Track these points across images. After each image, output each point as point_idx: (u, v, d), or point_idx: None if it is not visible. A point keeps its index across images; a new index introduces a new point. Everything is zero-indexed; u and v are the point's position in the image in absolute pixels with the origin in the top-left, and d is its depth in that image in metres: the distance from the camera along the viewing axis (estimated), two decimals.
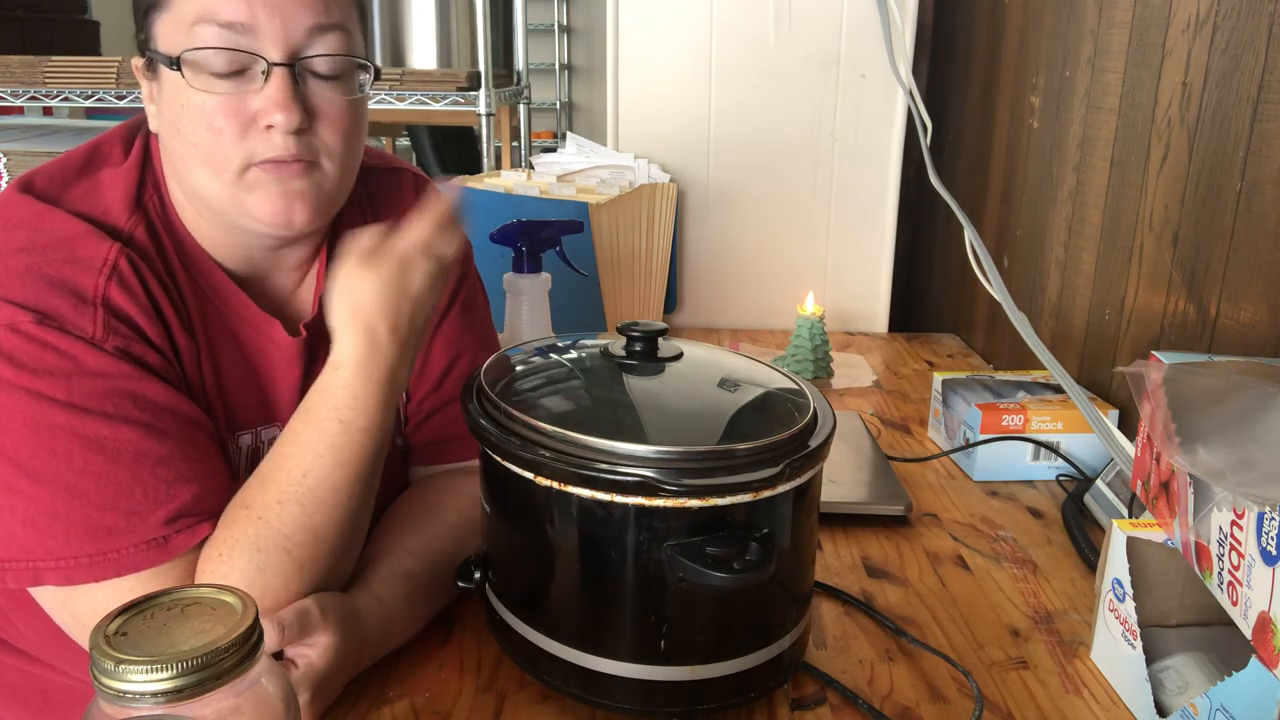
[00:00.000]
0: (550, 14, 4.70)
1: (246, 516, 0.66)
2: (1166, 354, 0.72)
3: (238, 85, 0.68)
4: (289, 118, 0.68)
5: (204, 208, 0.73)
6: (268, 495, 0.67)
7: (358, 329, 0.68)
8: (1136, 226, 1.13)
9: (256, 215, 0.71)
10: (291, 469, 0.67)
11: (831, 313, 1.63)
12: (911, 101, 1.52)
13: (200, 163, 0.70)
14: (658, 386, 0.71)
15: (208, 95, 0.68)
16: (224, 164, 0.69)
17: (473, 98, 2.20)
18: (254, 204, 0.70)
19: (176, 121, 0.70)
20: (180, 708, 0.43)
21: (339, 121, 0.72)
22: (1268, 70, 0.89)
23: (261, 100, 0.68)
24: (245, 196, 0.70)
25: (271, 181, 0.70)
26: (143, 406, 0.66)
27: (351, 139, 0.74)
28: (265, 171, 0.70)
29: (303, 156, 0.70)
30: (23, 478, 0.63)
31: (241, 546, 0.65)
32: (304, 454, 0.68)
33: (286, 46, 0.68)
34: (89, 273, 0.67)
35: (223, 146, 0.69)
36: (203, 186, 0.71)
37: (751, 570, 0.59)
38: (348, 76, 0.73)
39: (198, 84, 0.68)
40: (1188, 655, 0.70)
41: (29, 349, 0.63)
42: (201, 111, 0.68)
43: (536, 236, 1.16)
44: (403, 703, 0.69)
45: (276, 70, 0.68)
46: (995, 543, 0.96)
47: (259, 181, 0.70)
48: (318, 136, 0.71)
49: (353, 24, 0.73)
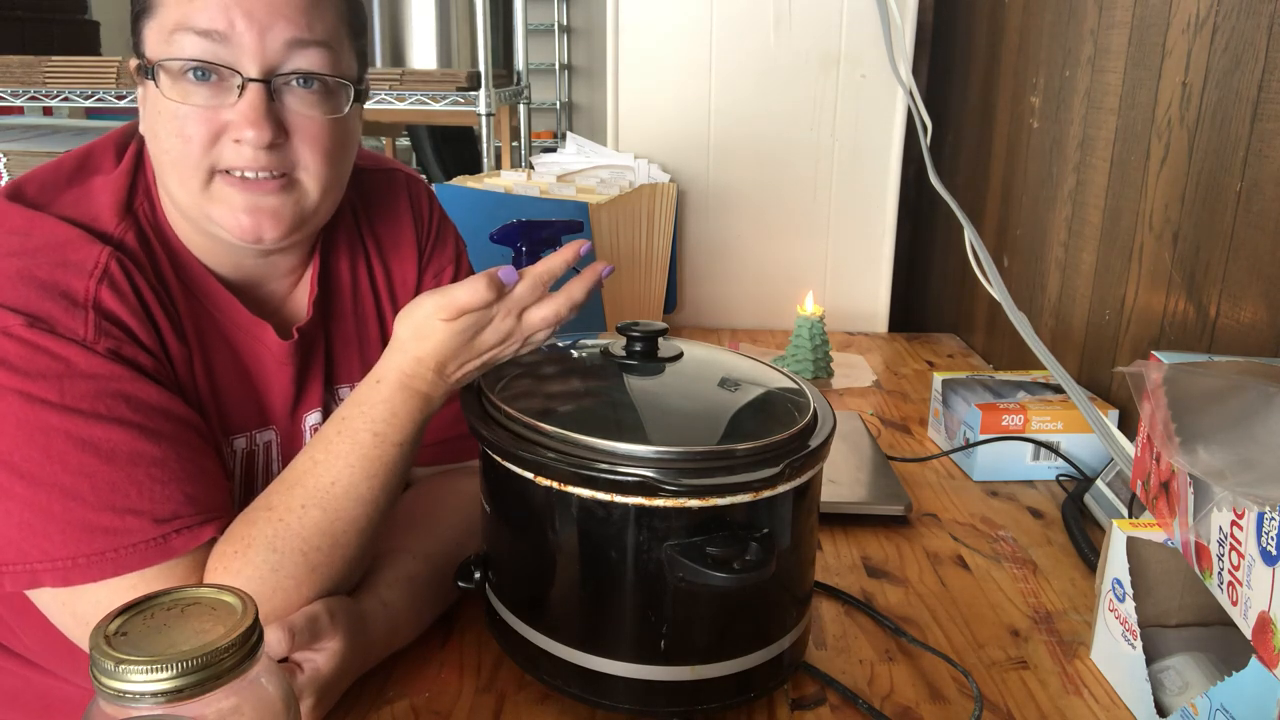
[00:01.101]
0: (550, 14, 4.70)
1: (268, 517, 0.67)
2: (1166, 354, 0.72)
3: (212, 96, 0.68)
4: (259, 134, 0.67)
5: (181, 215, 0.73)
6: (293, 499, 0.67)
7: (408, 356, 0.69)
8: (1136, 226, 1.13)
9: (225, 227, 0.70)
10: (321, 475, 0.68)
11: (831, 313, 1.63)
12: (911, 101, 1.52)
13: (170, 170, 0.70)
14: (658, 386, 0.71)
15: (181, 104, 0.67)
16: (190, 171, 0.69)
17: (473, 98, 2.20)
18: (219, 215, 0.70)
19: (154, 127, 0.70)
20: (180, 708, 0.43)
21: (318, 139, 0.71)
22: (1268, 70, 0.89)
23: (234, 114, 0.67)
24: (211, 207, 0.70)
25: (236, 195, 0.69)
26: (135, 408, 0.66)
27: (333, 156, 0.72)
28: (230, 185, 0.69)
29: (274, 170, 0.69)
30: (17, 480, 0.63)
31: (259, 545, 0.65)
32: (335, 462, 0.68)
33: (263, 60, 0.67)
34: (80, 276, 0.67)
35: (190, 154, 0.68)
36: (174, 193, 0.71)
37: (751, 570, 0.59)
38: (330, 94, 0.71)
39: (173, 93, 0.67)
40: (1188, 655, 0.70)
41: (21, 352, 0.63)
42: (174, 119, 0.68)
43: (536, 236, 1.15)
44: (403, 703, 0.69)
45: (251, 86, 0.67)
46: (995, 543, 0.96)
47: (223, 194, 0.69)
48: (294, 151, 0.70)
49: (339, 42, 0.71)
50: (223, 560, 0.66)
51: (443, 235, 0.91)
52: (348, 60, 0.72)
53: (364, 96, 0.75)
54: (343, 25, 0.72)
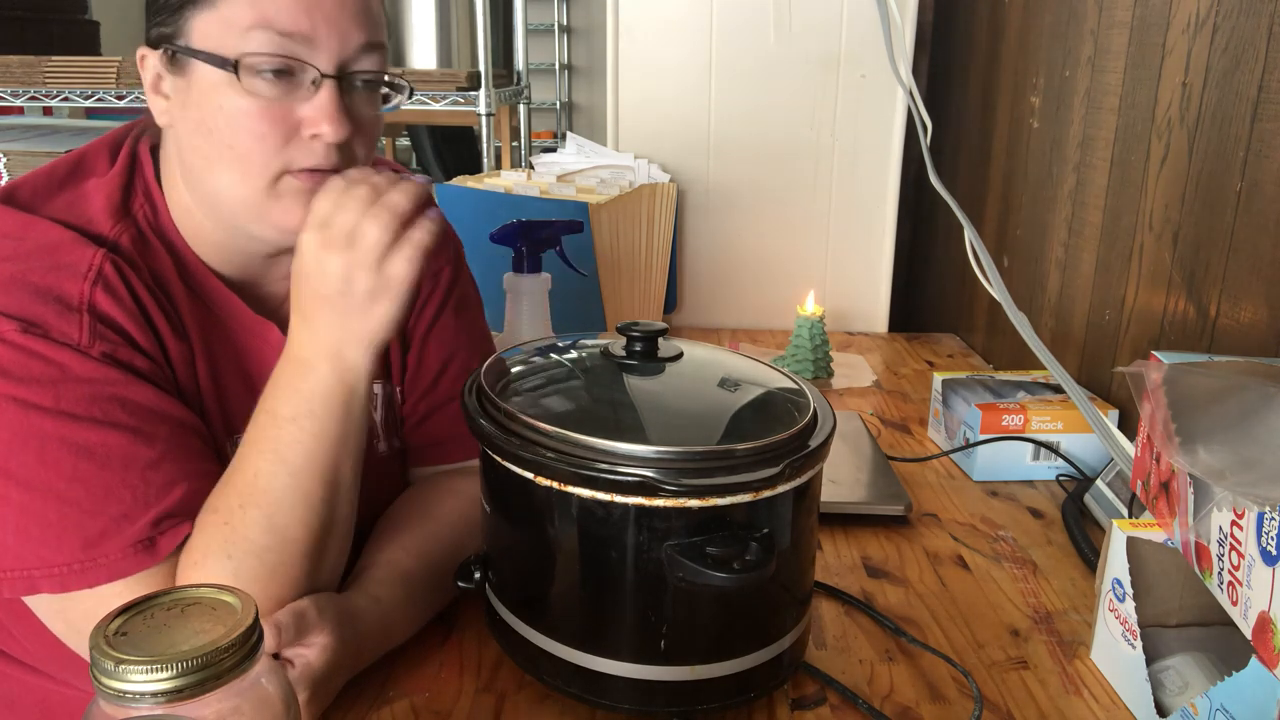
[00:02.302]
0: (550, 14, 4.70)
1: (214, 522, 0.66)
2: (1166, 354, 0.72)
3: (285, 92, 0.68)
4: (337, 129, 0.68)
5: (215, 211, 0.72)
6: (230, 499, 0.66)
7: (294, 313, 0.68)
8: (1136, 226, 1.13)
9: (281, 223, 0.70)
10: (244, 469, 0.67)
11: (831, 313, 1.63)
12: (911, 101, 1.52)
13: (231, 165, 0.69)
14: (658, 386, 0.71)
15: (254, 99, 0.67)
16: (260, 169, 0.68)
17: (473, 98, 2.20)
18: (281, 211, 0.70)
19: (209, 121, 0.68)
20: (180, 708, 0.43)
21: (371, 135, 0.73)
22: (1268, 70, 0.89)
23: (311, 109, 0.68)
24: (273, 204, 0.70)
25: (304, 190, 0.69)
26: (131, 411, 0.66)
27: (373, 151, 0.75)
28: (299, 180, 0.69)
29: (339, 167, 0.70)
30: (13, 487, 0.63)
31: (214, 553, 0.65)
32: (248, 452, 0.67)
33: (339, 60, 0.69)
34: (74, 279, 0.66)
35: (263, 152, 0.68)
36: (225, 188, 0.70)
37: (751, 570, 0.59)
38: (380, 92, 0.74)
39: (250, 87, 0.67)
40: (1188, 655, 0.70)
41: (15, 357, 0.63)
42: (244, 115, 0.67)
43: (536, 236, 1.15)
44: (403, 702, 0.69)
45: (327, 81, 0.68)
46: (995, 543, 0.96)
47: (290, 189, 0.70)
48: (352, 149, 0.72)
49: (387, 43, 0.74)
50: (184, 571, 0.66)
51: None
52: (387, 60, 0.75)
53: (412, 92, 0.78)
54: (385, 28, 0.74)
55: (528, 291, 1.15)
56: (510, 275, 1.15)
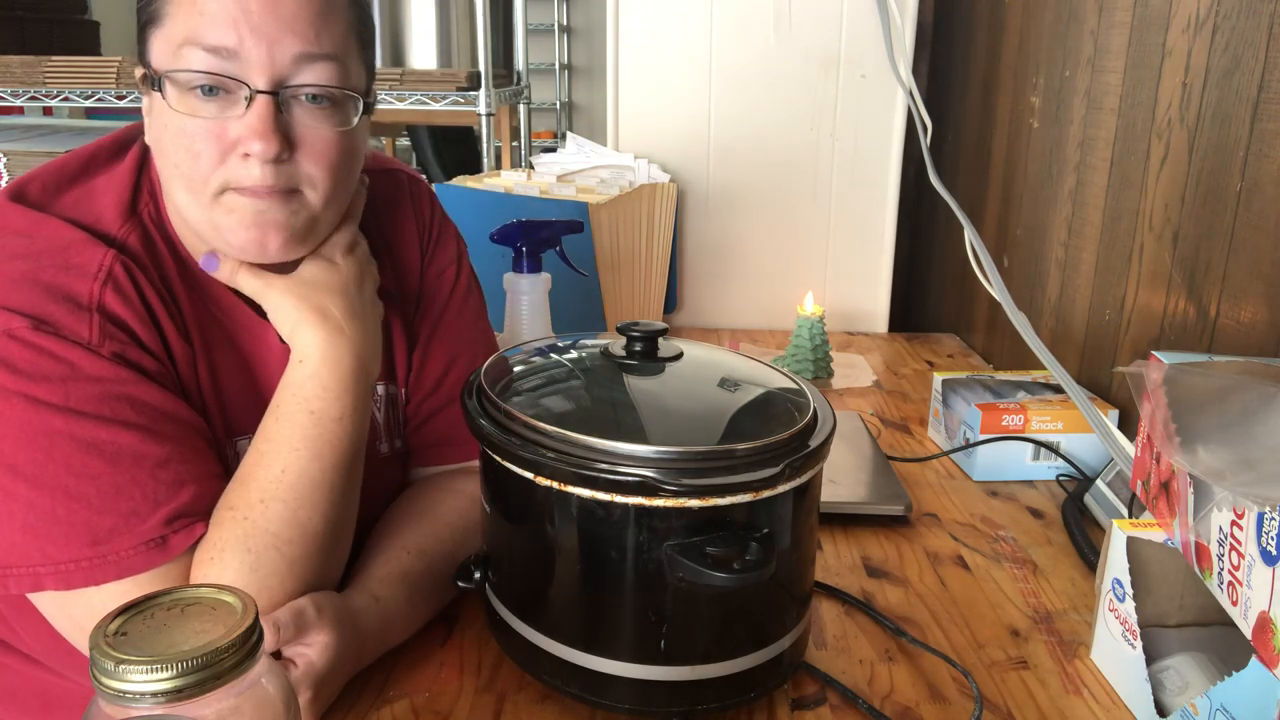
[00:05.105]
0: (550, 14, 4.70)
1: (232, 518, 0.66)
2: (1166, 354, 0.72)
3: (220, 110, 0.67)
4: (266, 147, 0.66)
5: (185, 223, 0.73)
6: (250, 495, 0.67)
7: (312, 318, 0.71)
8: (1136, 226, 1.13)
9: (230, 241, 0.70)
10: (270, 466, 0.68)
11: (831, 313, 1.63)
12: (911, 101, 1.52)
13: (180, 183, 0.69)
14: (658, 386, 0.71)
15: (189, 118, 0.67)
16: (200, 186, 0.68)
17: (473, 98, 2.20)
18: (228, 229, 0.69)
19: (160, 140, 0.69)
20: (180, 708, 0.43)
21: (324, 153, 0.70)
22: (1268, 70, 0.89)
23: (241, 127, 0.67)
24: (221, 220, 0.69)
25: (246, 206, 0.68)
26: (140, 410, 0.66)
27: (338, 170, 0.71)
28: (241, 195, 0.68)
29: (279, 186, 0.68)
30: (21, 483, 0.63)
31: (232, 548, 0.65)
32: (279, 450, 0.68)
33: (271, 74, 0.67)
34: (84, 279, 0.67)
35: (200, 170, 0.68)
36: (182, 206, 0.70)
37: (751, 570, 0.59)
38: (338, 107, 0.70)
39: (180, 106, 0.67)
40: (1188, 655, 0.70)
41: (26, 355, 0.63)
42: (182, 134, 0.67)
43: (536, 236, 1.15)
44: (403, 702, 0.69)
45: (259, 98, 0.66)
46: (995, 543, 0.96)
47: (234, 205, 0.69)
48: (299, 166, 0.69)
49: (348, 55, 0.70)
50: (200, 568, 0.66)
51: (443, 236, 0.91)
52: (356, 72, 0.71)
53: (371, 109, 0.74)
54: (352, 36, 0.71)
55: (528, 291, 1.15)
56: (510, 275, 1.15)
